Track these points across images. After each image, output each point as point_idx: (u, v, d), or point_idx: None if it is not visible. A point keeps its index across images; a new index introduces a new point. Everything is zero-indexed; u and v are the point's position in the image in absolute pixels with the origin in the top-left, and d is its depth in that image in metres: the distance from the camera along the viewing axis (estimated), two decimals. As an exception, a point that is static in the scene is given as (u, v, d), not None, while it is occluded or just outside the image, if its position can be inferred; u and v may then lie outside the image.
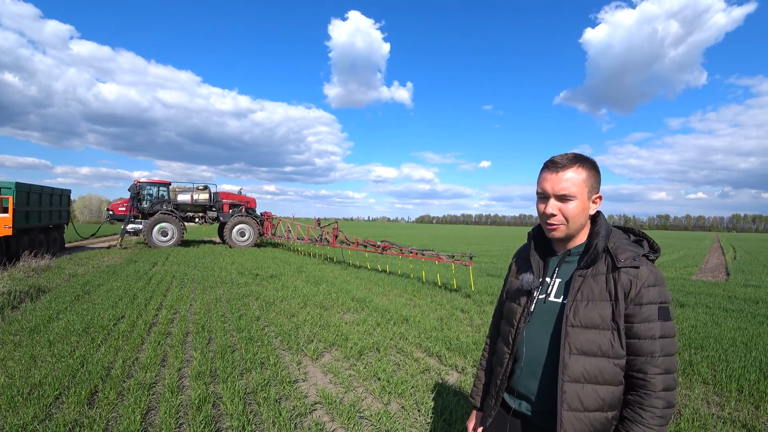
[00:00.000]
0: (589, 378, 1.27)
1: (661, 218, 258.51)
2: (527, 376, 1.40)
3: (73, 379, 3.92)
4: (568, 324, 1.30)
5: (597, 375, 1.27)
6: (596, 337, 1.27)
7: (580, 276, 1.33)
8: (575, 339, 1.28)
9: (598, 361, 1.27)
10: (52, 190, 15.34)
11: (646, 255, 1.32)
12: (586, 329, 1.28)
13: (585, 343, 1.27)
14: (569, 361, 1.28)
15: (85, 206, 63.48)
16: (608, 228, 1.37)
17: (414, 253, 10.90)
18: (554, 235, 1.37)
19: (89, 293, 7.88)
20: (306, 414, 3.42)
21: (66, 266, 11.58)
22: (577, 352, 1.28)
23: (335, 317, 6.59)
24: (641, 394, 1.26)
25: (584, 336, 1.28)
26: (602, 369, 1.27)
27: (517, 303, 1.46)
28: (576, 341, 1.28)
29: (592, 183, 1.34)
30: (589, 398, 1.27)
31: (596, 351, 1.27)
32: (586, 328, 1.28)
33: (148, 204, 19.41)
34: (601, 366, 1.27)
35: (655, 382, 1.24)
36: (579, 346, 1.28)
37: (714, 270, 16.41)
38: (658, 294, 1.26)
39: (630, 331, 1.27)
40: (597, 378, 1.27)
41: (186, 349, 4.90)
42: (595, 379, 1.27)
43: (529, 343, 1.40)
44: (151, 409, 3.46)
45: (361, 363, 4.61)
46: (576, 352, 1.28)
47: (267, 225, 20.89)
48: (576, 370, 1.27)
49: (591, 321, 1.28)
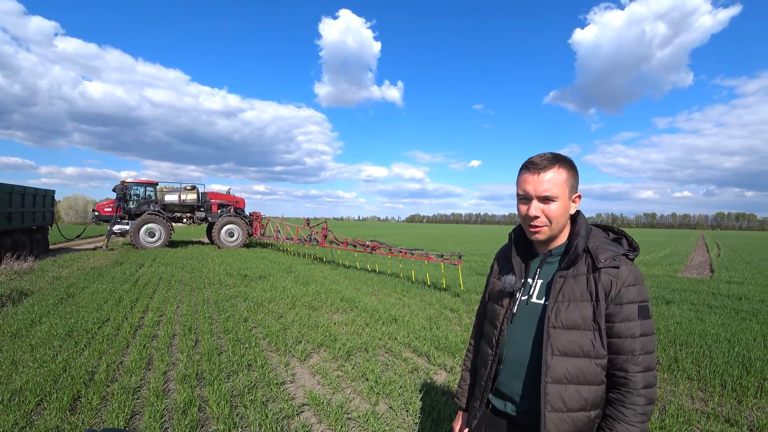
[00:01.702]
0: (571, 379, 1.28)
1: (647, 216, 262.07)
2: (511, 377, 1.40)
3: (55, 385, 3.84)
4: (550, 325, 1.30)
5: (579, 375, 1.28)
6: (578, 337, 1.28)
7: (561, 277, 1.33)
8: (557, 340, 1.29)
9: (579, 361, 1.28)
10: (35, 190, 15.06)
11: (625, 254, 1.32)
12: (567, 330, 1.29)
13: (567, 344, 1.28)
14: (551, 362, 1.28)
15: (70, 207, 62.55)
16: (588, 227, 1.37)
17: (403, 252, 10.90)
18: (537, 237, 1.37)
19: (73, 296, 7.74)
20: (293, 416, 3.40)
21: (50, 268, 11.38)
22: (559, 353, 1.28)
23: (324, 318, 6.56)
24: (623, 392, 1.27)
25: (566, 337, 1.28)
26: (584, 369, 1.28)
27: (500, 305, 1.46)
28: (558, 342, 1.28)
29: (572, 183, 1.34)
30: (571, 399, 1.27)
31: (578, 352, 1.28)
32: (568, 329, 1.29)
33: (134, 204, 19.14)
34: (583, 366, 1.28)
35: (636, 380, 1.25)
36: (561, 348, 1.28)
37: (699, 267, 16.70)
38: (638, 293, 1.27)
39: (611, 330, 1.28)
40: (579, 378, 1.28)
41: (172, 352, 4.84)
42: (578, 380, 1.28)
43: (513, 345, 1.40)
44: (136, 414, 3.41)
45: (350, 363, 4.59)
46: (558, 354, 1.28)
47: (256, 225, 20.72)
48: (558, 372, 1.28)
49: (572, 322, 1.28)
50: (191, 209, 20.54)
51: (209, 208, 20.53)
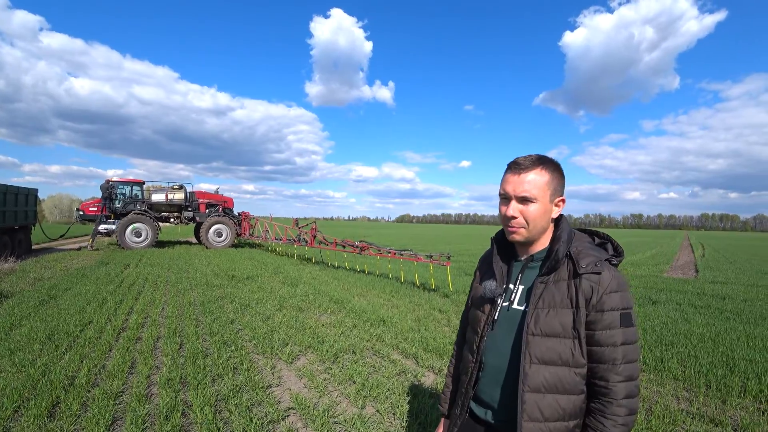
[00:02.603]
0: (549, 388, 1.25)
1: (634, 217, 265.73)
2: (491, 385, 1.38)
3: (33, 390, 3.74)
4: (529, 333, 1.27)
5: (557, 384, 1.25)
6: (557, 345, 1.25)
7: (541, 283, 1.30)
8: (535, 348, 1.26)
9: (558, 370, 1.25)
10: (18, 189, 14.74)
11: (608, 260, 1.29)
12: (546, 338, 1.26)
13: (545, 352, 1.25)
14: (529, 370, 1.25)
15: (55, 206, 61.33)
16: (570, 232, 1.34)
17: (392, 253, 10.87)
18: (514, 238, 1.34)
19: (55, 298, 7.58)
20: (278, 420, 3.34)
21: (32, 269, 11.14)
22: (537, 361, 1.25)
23: (312, 319, 6.50)
24: (603, 402, 1.24)
25: (545, 345, 1.25)
26: (562, 378, 1.25)
27: (482, 310, 1.43)
28: (536, 350, 1.26)
29: (555, 186, 1.31)
30: (549, 408, 1.24)
31: (556, 360, 1.25)
32: (547, 337, 1.26)
33: (120, 204, 18.83)
34: (562, 375, 1.25)
35: (617, 390, 1.21)
36: (539, 356, 1.25)
37: (684, 267, 16.93)
38: (621, 300, 1.23)
39: (592, 338, 1.24)
40: (557, 387, 1.25)
41: (156, 355, 4.75)
42: (556, 389, 1.25)
43: (493, 351, 1.38)
44: (117, 420, 3.33)
45: (337, 366, 4.55)
46: (536, 362, 1.26)
47: (245, 225, 20.55)
48: (536, 380, 1.25)
49: (552, 329, 1.25)
50: (179, 209, 20.29)
51: (197, 208, 20.30)
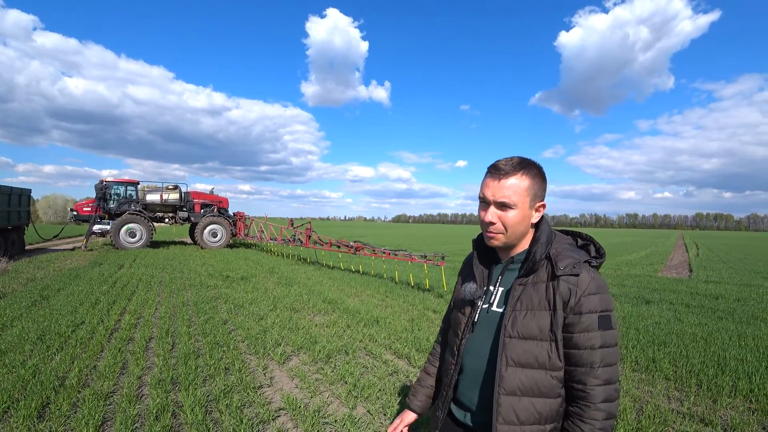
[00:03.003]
0: (524, 391, 1.24)
1: (630, 217, 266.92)
2: (470, 387, 1.38)
3: (23, 391, 3.72)
4: (506, 335, 1.26)
5: (533, 387, 1.24)
6: (533, 348, 1.24)
7: (519, 285, 1.30)
8: (512, 350, 1.25)
9: (534, 373, 1.24)
10: (11, 189, 14.65)
11: (588, 261, 1.27)
12: (523, 340, 1.25)
13: (522, 354, 1.24)
14: (505, 373, 1.25)
15: (49, 206, 60.99)
16: (550, 234, 1.33)
17: (387, 253, 10.88)
18: (493, 243, 1.34)
19: (48, 298, 7.55)
20: (269, 421, 3.34)
21: (24, 270, 11.08)
22: (513, 363, 1.25)
23: (305, 319, 6.50)
24: (581, 406, 1.23)
25: (521, 347, 1.25)
26: (539, 381, 1.24)
27: (462, 313, 1.43)
28: (513, 353, 1.25)
29: (536, 191, 1.30)
30: (525, 411, 1.24)
31: (533, 363, 1.24)
32: (524, 339, 1.25)
33: (114, 204, 18.75)
34: (538, 378, 1.24)
35: (594, 394, 1.20)
36: (516, 358, 1.25)
37: (678, 267, 17.00)
38: (599, 302, 1.22)
39: (570, 341, 1.23)
40: (533, 390, 1.24)
41: (148, 356, 4.73)
42: (532, 392, 1.24)
43: (472, 354, 1.37)
44: (107, 420, 3.32)
45: (329, 366, 4.55)
46: (512, 364, 1.25)
47: (240, 225, 20.51)
48: (512, 383, 1.24)
49: (529, 332, 1.24)
50: (173, 209, 20.23)
51: (192, 208, 20.24)
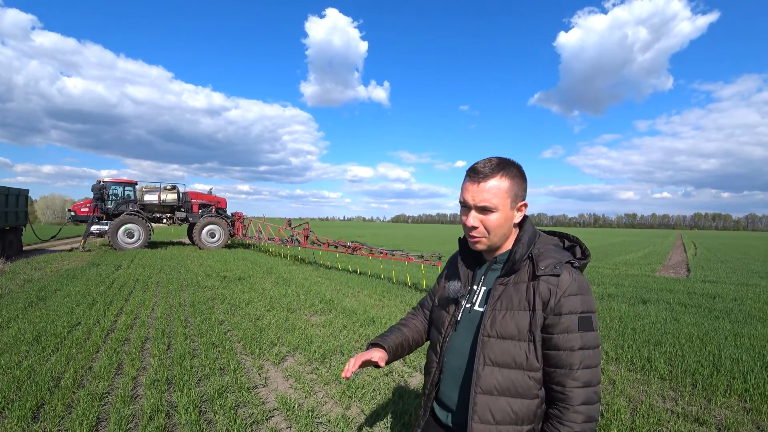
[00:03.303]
0: (501, 390, 1.24)
1: (628, 217, 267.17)
2: (450, 387, 1.37)
3: (18, 392, 3.73)
4: (484, 334, 1.26)
5: (510, 387, 1.24)
6: (512, 348, 1.23)
7: (500, 285, 1.29)
8: (490, 350, 1.25)
9: (512, 373, 1.24)
10: (8, 189, 14.64)
11: (570, 261, 1.26)
12: (502, 340, 1.24)
13: (500, 354, 1.24)
14: (482, 372, 1.25)
15: (47, 207, 60.83)
16: (533, 234, 1.33)
17: (384, 253, 10.88)
18: (477, 247, 1.34)
19: (44, 299, 7.54)
20: (263, 421, 3.35)
21: (21, 271, 11.07)
22: (491, 363, 1.25)
23: (301, 320, 6.51)
24: (560, 408, 1.22)
25: (499, 347, 1.24)
26: (515, 382, 1.23)
27: (446, 311, 1.43)
28: (490, 352, 1.25)
29: (516, 192, 1.28)
30: (500, 411, 1.24)
31: (510, 363, 1.24)
32: (502, 339, 1.24)
33: (112, 204, 18.74)
34: (515, 378, 1.23)
35: (573, 396, 1.19)
36: (493, 358, 1.24)
37: (676, 266, 17.03)
38: (580, 303, 1.20)
39: (549, 342, 1.22)
40: (510, 391, 1.24)
41: (144, 356, 4.74)
42: (508, 392, 1.24)
43: (454, 353, 1.37)
44: (102, 421, 3.32)
45: (324, 366, 4.56)
46: (490, 364, 1.25)
47: (238, 225, 20.49)
48: (489, 382, 1.24)
49: (507, 331, 1.24)
50: (171, 209, 20.21)
51: (190, 208, 20.22)
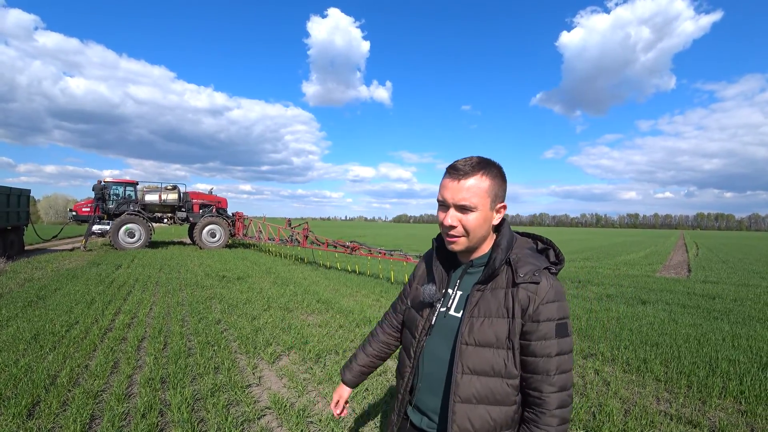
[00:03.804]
0: (480, 399, 1.24)
1: (630, 217, 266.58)
2: (427, 392, 1.36)
3: (15, 389, 3.77)
4: (462, 342, 1.25)
5: (488, 395, 1.23)
6: (490, 356, 1.23)
7: (478, 291, 1.28)
8: (468, 358, 1.24)
9: (490, 381, 1.23)
10: (10, 189, 14.71)
11: (548, 268, 1.26)
12: (480, 347, 1.24)
13: (478, 362, 1.23)
14: (460, 380, 1.24)
15: (50, 206, 61.08)
16: (511, 238, 1.31)
17: (382, 253, 10.91)
18: (454, 248, 1.30)
19: (44, 298, 7.59)
20: (254, 420, 3.37)
21: (22, 270, 11.13)
22: (469, 371, 1.24)
23: (298, 319, 6.54)
24: (537, 413, 1.22)
25: (477, 355, 1.23)
26: (494, 389, 1.23)
27: (420, 314, 1.40)
28: (469, 360, 1.24)
29: (496, 192, 1.26)
30: (479, 419, 1.24)
31: (489, 371, 1.23)
32: (480, 347, 1.23)
33: (113, 204, 18.82)
34: (493, 386, 1.23)
35: (550, 401, 1.20)
36: (471, 366, 1.24)
37: (677, 267, 16.97)
38: (557, 310, 1.21)
39: (527, 348, 1.22)
40: (489, 398, 1.24)
41: (140, 355, 4.77)
42: (487, 400, 1.24)
43: (429, 358, 1.35)
44: (95, 419, 3.35)
45: (318, 366, 4.59)
46: (468, 372, 1.24)
47: (238, 225, 20.56)
48: (467, 391, 1.24)
49: (485, 339, 1.23)
50: (172, 209, 20.28)
51: (191, 208, 20.30)
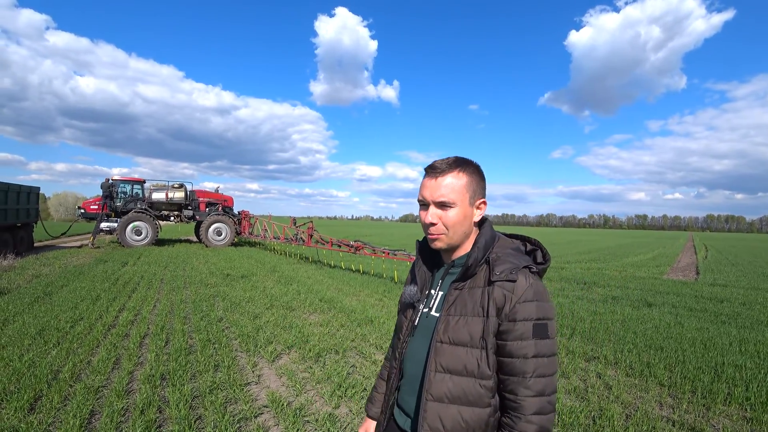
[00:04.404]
0: (452, 398, 1.21)
1: (639, 218, 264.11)
2: (409, 393, 1.35)
3: (18, 384, 3.82)
4: (437, 340, 1.24)
5: (461, 395, 1.21)
6: (463, 355, 1.21)
7: (455, 289, 1.27)
8: (441, 356, 1.23)
9: (462, 380, 1.21)
10: (20, 187, 14.91)
11: (528, 266, 1.23)
12: (453, 346, 1.22)
13: (451, 360, 1.22)
14: (433, 379, 1.23)
15: (60, 204, 61.84)
16: (490, 238, 1.30)
17: (386, 253, 10.91)
18: (436, 245, 1.30)
19: (50, 294, 7.69)
20: (251, 418, 3.39)
21: (31, 266, 11.28)
22: (442, 369, 1.23)
23: (300, 318, 6.56)
24: (512, 417, 1.18)
25: (451, 353, 1.22)
26: (466, 390, 1.21)
27: (405, 316, 1.41)
28: (442, 358, 1.23)
29: (475, 188, 1.27)
30: (451, 419, 1.21)
31: (461, 370, 1.21)
32: (454, 345, 1.22)
33: (121, 202, 19.02)
34: (465, 386, 1.21)
35: (525, 405, 1.16)
36: (444, 364, 1.23)
37: (685, 269, 16.78)
38: (536, 310, 1.17)
39: (503, 349, 1.19)
40: (461, 399, 1.21)
41: (141, 352, 4.82)
42: (459, 400, 1.21)
43: (411, 359, 1.35)
44: (95, 414, 3.39)
45: (318, 365, 4.60)
46: (441, 370, 1.23)
47: (244, 224, 20.67)
48: (439, 389, 1.22)
49: (459, 338, 1.21)
50: (179, 207, 20.43)
51: (197, 207, 20.44)
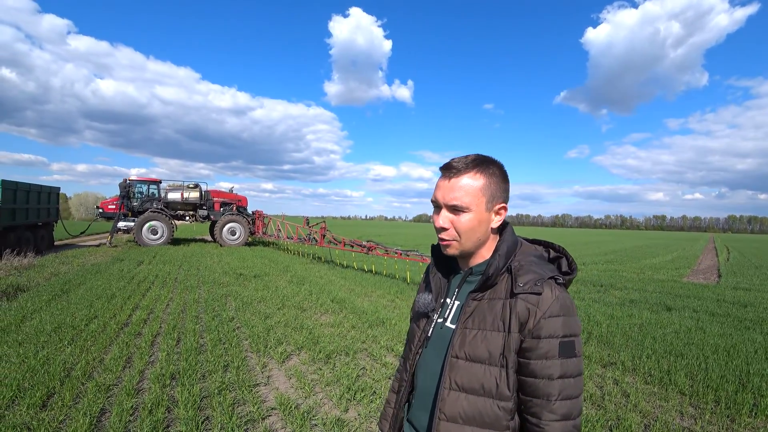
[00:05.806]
0: (467, 419, 1.12)
1: (657, 219, 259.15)
2: (420, 408, 1.27)
3: (32, 381, 3.87)
4: (453, 354, 1.14)
5: (476, 416, 1.11)
6: (480, 373, 1.11)
7: (473, 300, 1.16)
8: (457, 373, 1.13)
9: (478, 400, 1.11)
10: (41, 187, 15.26)
11: (554, 277, 1.11)
12: (470, 362, 1.12)
13: (467, 378, 1.12)
14: (447, 397, 1.14)
15: (80, 203, 63.44)
16: (514, 244, 1.20)
17: (398, 253, 10.85)
18: (448, 251, 1.20)
19: (67, 292, 7.82)
20: (258, 420, 3.37)
21: (49, 264, 11.51)
22: (457, 387, 1.13)
23: (311, 319, 6.55)
24: None
25: (468, 370, 1.12)
26: (482, 411, 1.11)
27: (418, 325, 1.32)
28: (457, 375, 1.13)
29: (493, 191, 1.14)
30: None
31: (478, 389, 1.11)
32: (471, 362, 1.12)
33: (137, 202, 19.34)
34: (482, 407, 1.11)
35: (549, 430, 1.06)
36: (460, 381, 1.13)
37: (706, 272, 16.31)
38: (562, 326, 1.06)
39: (526, 368, 1.09)
40: (476, 420, 1.11)
41: (153, 351, 4.85)
42: (474, 421, 1.11)
43: (424, 372, 1.26)
44: (105, 412, 3.41)
45: (328, 367, 4.56)
46: (456, 388, 1.13)
47: (258, 224, 20.84)
48: (453, 409, 1.13)
49: (477, 354, 1.11)
50: (194, 207, 20.70)
51: (212, 206, 20.68)
